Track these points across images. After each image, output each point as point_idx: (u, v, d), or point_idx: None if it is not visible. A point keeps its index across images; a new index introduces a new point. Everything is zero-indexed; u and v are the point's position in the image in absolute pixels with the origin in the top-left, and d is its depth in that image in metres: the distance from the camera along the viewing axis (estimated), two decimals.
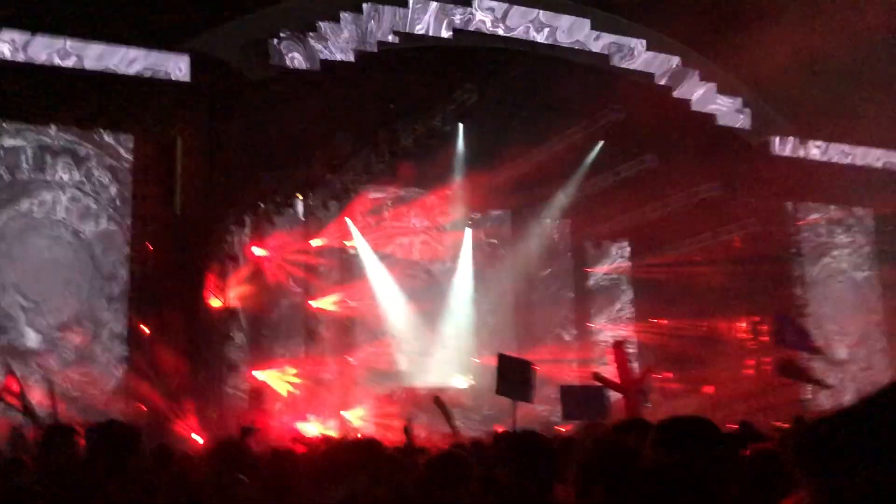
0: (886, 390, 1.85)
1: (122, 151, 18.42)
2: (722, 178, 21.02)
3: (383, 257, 23.24)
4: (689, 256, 22.45)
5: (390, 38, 17.29)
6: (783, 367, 13.18)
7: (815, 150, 21.84)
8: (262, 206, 20.06)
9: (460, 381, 21.79)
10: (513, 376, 7.80)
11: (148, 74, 16.18)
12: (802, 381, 13.23)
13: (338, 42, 16.86)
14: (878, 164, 22.65)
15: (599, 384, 7.94)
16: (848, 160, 22.27)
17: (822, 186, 22.11)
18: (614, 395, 11.99)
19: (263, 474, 5.47)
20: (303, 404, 20.88)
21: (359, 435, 15.46)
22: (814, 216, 23.75)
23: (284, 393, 20.29)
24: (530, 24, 18.41)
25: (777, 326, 13.26)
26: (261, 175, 18.84)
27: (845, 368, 22.47)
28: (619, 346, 8.80)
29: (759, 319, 21.19)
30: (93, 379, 17.13)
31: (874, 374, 22.51)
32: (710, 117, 20.12)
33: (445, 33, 17.75)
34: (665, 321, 22.94)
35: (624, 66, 19.07)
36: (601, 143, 20.52)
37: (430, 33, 17.64)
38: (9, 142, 17.53)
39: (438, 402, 7.04)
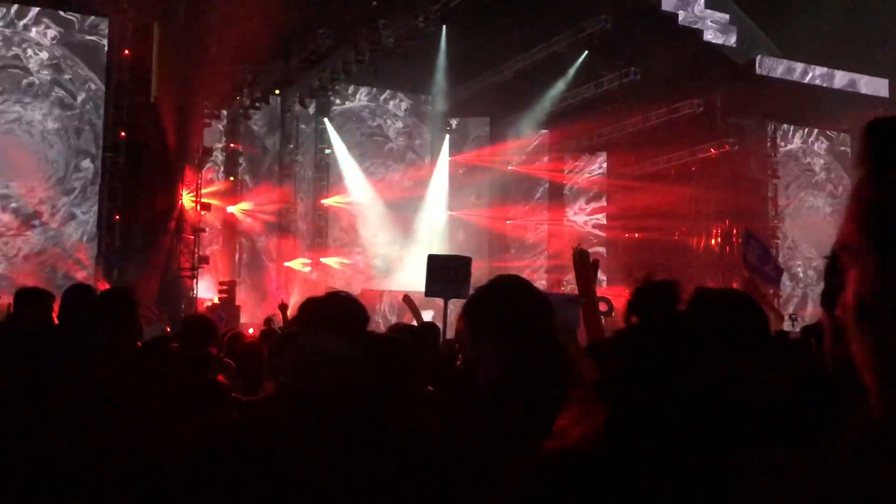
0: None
1: (96, 36, 18.03)
2: (704, 96, 20.88)
3: (359, 160, 23.13)
4: (666, 171, 22.44)
5: None
6: (745, 288, 13.28)
7: (798, 72, 21.64)
8: (238, 98, 19.77)
9: None
10: (444, 275, 7.78)
11: None
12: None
13: None
14: (861, 90, 22.47)
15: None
16: (830, 83, 22.09)
17: (804, 108, 21.99)
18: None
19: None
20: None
21: None
22: (794, 139, 23.73)
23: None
24: None
25: (745, 245, 13.25)
26: (238, 68, 18.49)
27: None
28: (581, 256, 8.93)
29: (730, 235, 21.38)
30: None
31: None
32: (696, 33, 19.82)
33: None
34: (636, 234, 23.12)
35: None
36: (585, 53, 20.25)
37: None
38: None
39: (407, 299, 7.09)
